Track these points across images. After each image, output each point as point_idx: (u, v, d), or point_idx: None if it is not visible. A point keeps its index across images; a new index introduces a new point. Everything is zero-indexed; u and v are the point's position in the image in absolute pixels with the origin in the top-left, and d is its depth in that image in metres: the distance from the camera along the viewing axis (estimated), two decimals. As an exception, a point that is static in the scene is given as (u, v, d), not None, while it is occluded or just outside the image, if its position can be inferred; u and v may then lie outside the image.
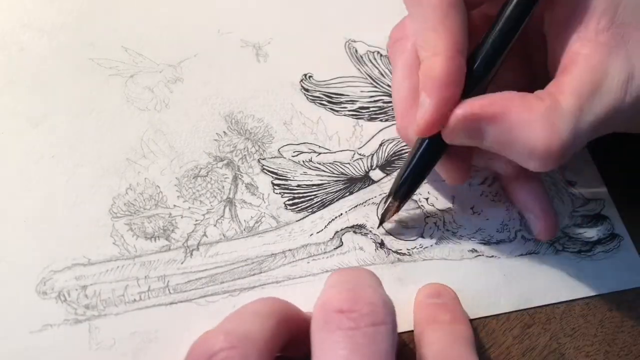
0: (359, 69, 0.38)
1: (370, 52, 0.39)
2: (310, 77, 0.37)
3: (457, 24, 0.26)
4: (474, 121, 0.26)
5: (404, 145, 0.35)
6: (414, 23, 0.28)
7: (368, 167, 0.35)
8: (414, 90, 0.29)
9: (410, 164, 0.30)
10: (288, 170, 0.34)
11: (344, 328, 0.22)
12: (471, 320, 0.30)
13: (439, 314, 0.28)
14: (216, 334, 0.23)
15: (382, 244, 0.32)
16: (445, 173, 0.31)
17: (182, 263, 0.30)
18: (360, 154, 0.35)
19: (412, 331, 0.29)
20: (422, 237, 0.33)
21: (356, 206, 0.33)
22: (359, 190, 0.34)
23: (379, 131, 0.36)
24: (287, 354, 0.26)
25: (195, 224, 0.31)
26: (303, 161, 0.34)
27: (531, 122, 0.25)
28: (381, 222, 0.32)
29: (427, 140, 0.29)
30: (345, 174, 0.34)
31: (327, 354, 0.21)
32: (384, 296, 0.23)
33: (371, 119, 0.36)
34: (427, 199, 0.34)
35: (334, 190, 0.34)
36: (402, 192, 0.31)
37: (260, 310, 0.24)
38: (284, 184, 0.33)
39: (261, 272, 0.31)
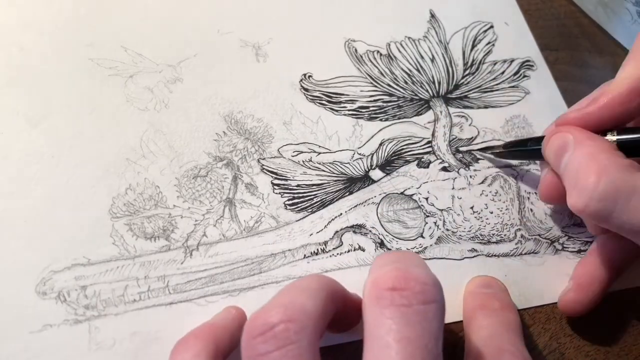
0: (358, 69, 0.38)
1: (370, 51, 0.39)
2: (309, 76, 0.37)
3: None
4: (563, 139, 0.29)
5: (404, 145, 0.35)
6: (629, 54, 0.29)
7: (368, 167, 0.35)
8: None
9: (529, 142, 0.33)
10: (288, 170, 0.34)
11: (396, 305, 0.22)
12: (471, 320, 0.31)
13: (489, 301, 0.30)
14: (273, 307, 0.23)
15: (381, 244, 0.32)
16: (541, 184, 0.32)
17: (181, 263, 0.30)
18: (360, 154, 0.35)
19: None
20: (422, 236, 0.33)
21: (356, 206, 0.33)
22: (358, 190, 0.34)
23: (379, 131, 0.36)
24: (331, 330, 0.27)
25: (195, 224, 0.31)
26: (303, 161, 0.34)
27: (593, 164, 0.26)
28: (484, 149, 0.36)
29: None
30: (345, 174, 0.34)
31: (380, 329, 0.22)
32: (434, 276, 0.24)
33: (371, 119, 0.36)
34: (427, 199, 0.34)
35: (334, 190, 0.34)
36: (509, 150, 0.34)
37: (312, 285, 0.24)
38: (283, 184, 0.33)
39: (261, 272, 0.31)
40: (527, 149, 0.32)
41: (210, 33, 0.38)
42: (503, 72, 0.39)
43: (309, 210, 0.33)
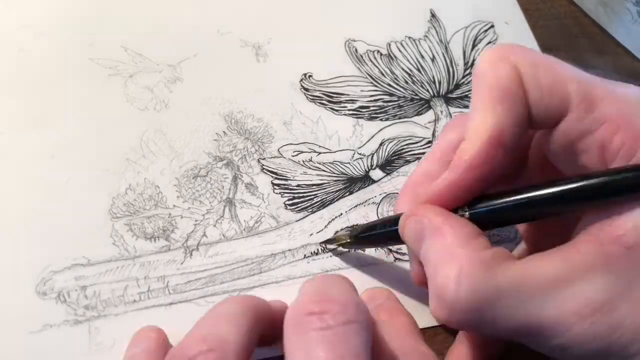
0: (358, 69, 0.38)
1: (370, 51, 0.39)
2: (310, 76, 0.37)
3: (509, 114, 0.24)
4: (418, 224, 0.25)
5: (404, 145, 0.35)
6: (472, 99, 0.25)
7: (368, 167, 0.34)
8: (438, 163, 0.27)
9: (382, 225, 0.28)
10: (288, 170, 0.34)
11: (315, 329, 0.21)
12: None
13: (375, 315, 0.28)
14: (192, 338, 0.23)
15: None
16: (411, 271, 0.28)
17: (181, 263, 0.30)
18: (360, 154, 0.35)
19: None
20: (422, 236, 0.33)
21: (356, 206, 0.33)
22: (359, 190, 0.34)
23: (379, 130, 0.36)
24: (267, 345, 0.26)
25: (195, 224, 0.31)
26: (303, 161, 0.34)
27: (450, 263, 0.23)
28: (327, 241, 0.31)
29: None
30: (345, 174, 0.34)
31: (301, 354, 0.21)
32: (355, 296, 0.23)
33: (371, 119, 0.36)
34: (427, 199, 0.34)
35: (334, 190, 0.33)
36: (360, 242, 0.30)
37: (233, 311, 0.24)
38: (283, 184, 0.33)
39: (261, 272, 0.31)
40: (385, 231, 0.28)
41: (210, 33, 0.38)
42: (503, 72, 0.39)
43: (309, 210, 0.33)
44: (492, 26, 0.41)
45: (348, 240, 0.30)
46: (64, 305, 0.29)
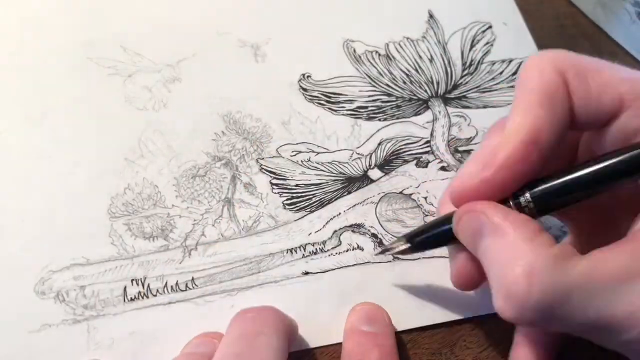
0: (357, 69, 0.38)
1: (369, 51, 0.39)
2: (308, 76, 0.37)
3: (548, 117, 0.24)
4: (475, 221, 0.24)
5: (403, 145, 0.35)
6: (513, 103, 0.25)
7: (366, 167, 0.35)
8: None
9: (436, 227, 0.28)
10: (286, 170, 0.34)
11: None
12: (471, 319, 0.30)
13: (367, 353, 0.27)
14: None
15: (380, 243, 0.32)
16: (453, 271, 0.28)
17: (180, 263, 0.30)
18: (358, 154, 0.35)
19: (406, 331, 0.30)
20: (421, 236, 0.33)
21: (354, 205, 0.33)
22: (357, 189, 0.34)
23: (378, 130, 0.36)
24: None
25: (193, 224, 0.31)
26: (301, 161, 0.34)
27: (520, 261, 0.22)
28: (383, 251, 0.30)
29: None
30: (344, 174, 0.34)
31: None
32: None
33: (369, 119, 0.36)
34: (425, 198, 0.34)
35: (333, 189, 0.34)
36: (418, 244, 0.28)
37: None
38: (282, 184, 0.33)
39: (259, 272, 0.31)
40: (440, 231, 0.27)
41: (209, 33, 0.38)
42: (501, 72, 0.39)
43: (308, 210, 0.33)
44: (490, 27, 0.41)
45: (406, 247, 0.28)
46: (63, 304, 0.29)
